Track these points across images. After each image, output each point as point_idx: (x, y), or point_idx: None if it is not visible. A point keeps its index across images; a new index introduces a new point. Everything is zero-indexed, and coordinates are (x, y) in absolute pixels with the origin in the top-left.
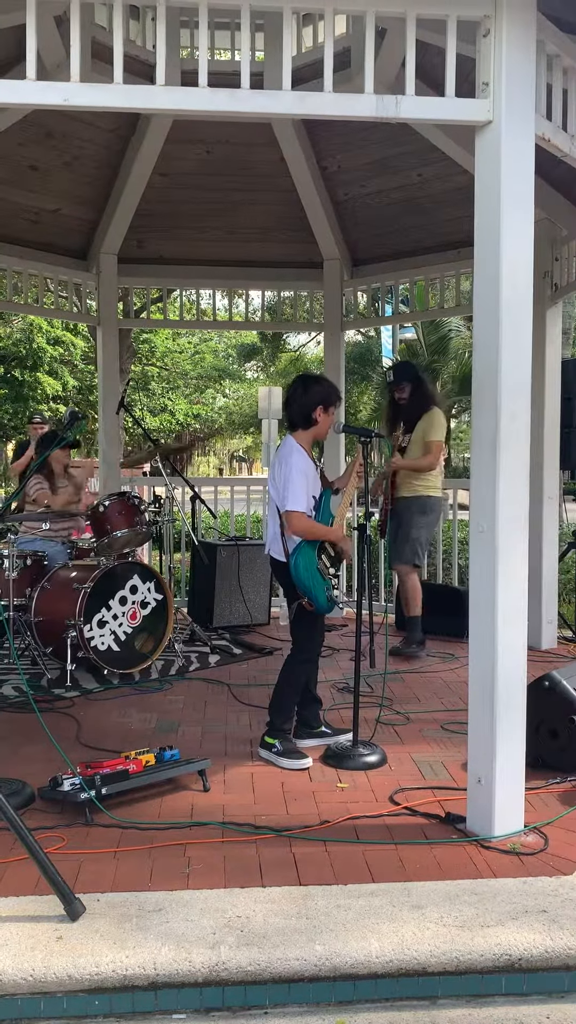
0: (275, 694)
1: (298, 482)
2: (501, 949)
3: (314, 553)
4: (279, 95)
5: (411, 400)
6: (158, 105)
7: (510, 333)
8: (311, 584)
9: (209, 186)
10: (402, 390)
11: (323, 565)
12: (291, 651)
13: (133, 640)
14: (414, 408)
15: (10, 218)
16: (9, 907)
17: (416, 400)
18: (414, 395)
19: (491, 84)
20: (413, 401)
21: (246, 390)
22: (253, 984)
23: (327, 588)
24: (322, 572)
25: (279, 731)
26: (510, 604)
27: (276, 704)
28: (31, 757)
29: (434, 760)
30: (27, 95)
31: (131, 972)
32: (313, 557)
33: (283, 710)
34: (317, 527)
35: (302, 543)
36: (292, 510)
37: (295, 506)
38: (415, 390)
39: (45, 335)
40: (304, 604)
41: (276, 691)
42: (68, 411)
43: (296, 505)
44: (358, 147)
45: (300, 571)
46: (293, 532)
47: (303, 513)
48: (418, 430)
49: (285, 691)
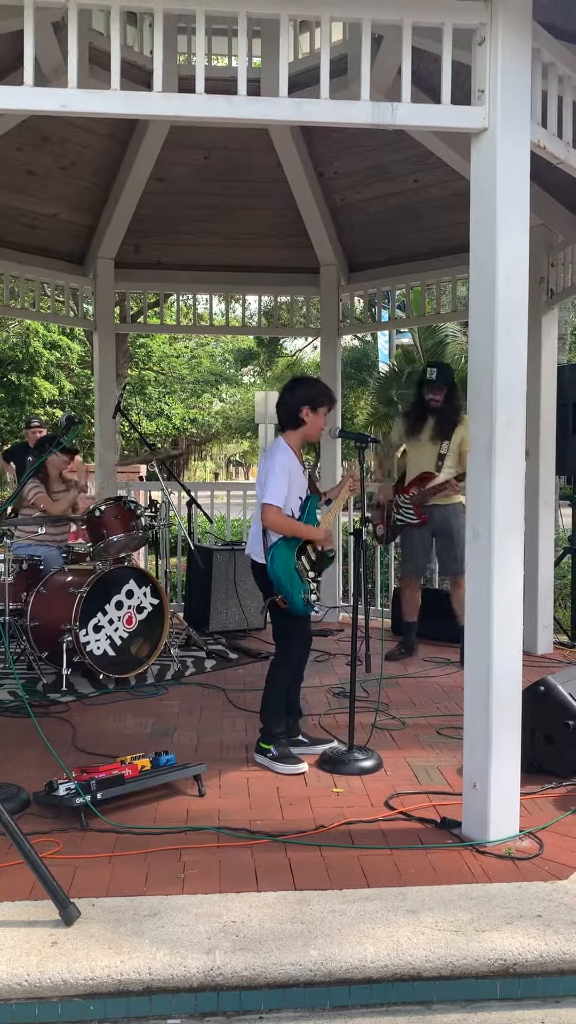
0: (263, 699)
1: (279, 477)
2: (496, 954)
3: (292, 553)
4: (276, 102)
5: (446, 405)
6: (155, 111)
7: (505, 338)
8: (287, 581)
9: (206, 191)
10: (439, 392)
11: (302, 567)
12: (275, 654)
13: (129, 645)
14: (451, 414)
15: (7, 223)
16: (3, 912)
17: (452, 405)
18: (449, 400)
19: (487, 91)
20: (449, 406)
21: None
22: (248, 989)
23: (304, 591)
24: (300, 573)
25: (272, 736)
26: (506, 608)
27: (264, 708)
28: (26, 762)
29: (430, 765)
30: (24, 101)
31: (126, 977)
32: (291, 556)
33: (272, 714)
34: (291, 523)
35: (280, 540)
36: (268, 503)
37: (272, 499)
38: (450, 394)
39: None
40: (278, 601)
41: (263, 696)
42: (65, 416)
43: (273, 499)
44: (355, 153)
45: (276, 566)
46: (266, 525)
47: (279, 508)
48: (456, 438)
49: (269, 695)
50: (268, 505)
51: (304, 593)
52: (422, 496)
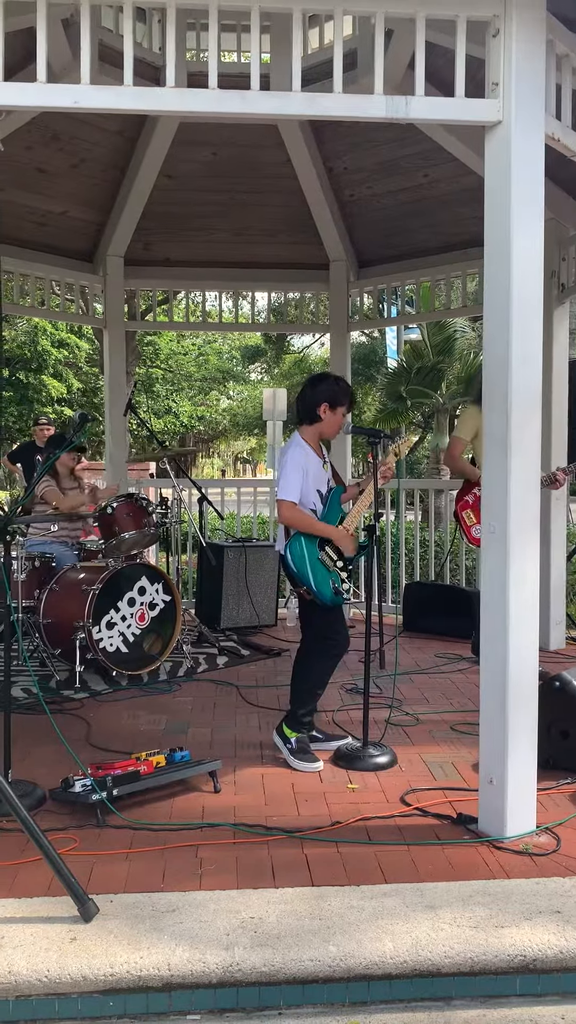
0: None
1: (292, 474)
2: (515, 950)
3: (313, 543)
4: (289, 96)
5: None
6: (168, 107)
7: (521, 333)
8: (306, 573)
9: (215, 188)
10: None
11: (327, 557)
12: (300, 644)
13: (141, 641)
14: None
15: (17, 220)
16: (23, 908)
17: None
18: None
19: (501, 84)
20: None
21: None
22: (267, 985)
23: (334, 581)
24: (326, 564)
25: (299, 723)
26: (521, 604)
27: (293, 693)
28: (41, 759)
29: (444, 761)
30: (37, 98)
31: (145, 973)
32: (311, 547)
33: (300, 700)
34: (305, 519)
35: (298, 532)
36: (281, 499)
37: (284, 495)
38: None
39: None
40: (303, 594)
41: (292, 683)
42: (77, 414)
43: (285, 495)
44: (365, 148)
45: (294, 559)
46: (280, 520)
47: (293, 503)
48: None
49: (296, 683)
50: (281, 501)
51: (334, 583)
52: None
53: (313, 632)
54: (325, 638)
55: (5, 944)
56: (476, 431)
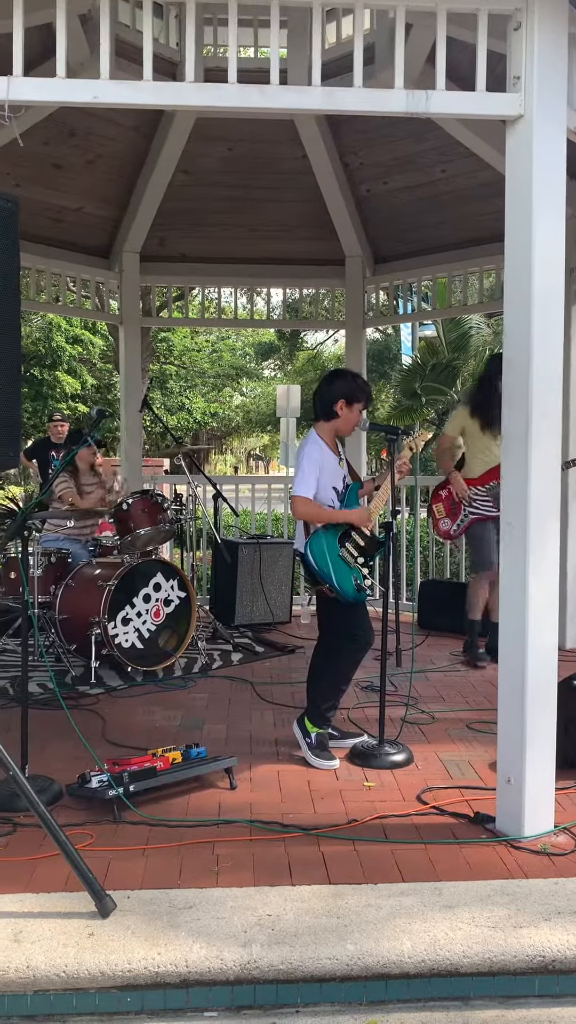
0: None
1: (307, 469)
2: (535, 950)
3: (334, 540)
4: (309, 91)
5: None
6: (188, 102)
7: (542, 328)
8: (328, 570)
9: (231, 183)
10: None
11: (347, 554)
12: (317, 641)
13: (157, 638)
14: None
15: (33, 216)
16: (40, 903)
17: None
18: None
19: (522, 78)
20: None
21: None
22: (285, 983)
23: (355, 577)
24: (347, 560)
25: (321, 718)
26: (541, 601)
27: (313, 689)
28: (57, 754)
29: (461, 759)
30: (57, 93)
31: (163, 969)
32: (332, 544)
33: (323, 695)
34: (320, 510)
35: (318, 529)
36: (296, 494)
37: (299, 491)
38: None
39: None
40: (325, 591)
41: (310, 677)
42: (95, 410)
43: (301, 490)
44: (381, 144)
45: (315, 557)
46: (295, 515)
47: (308, 498)
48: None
49: (318, 679)
50: (296, 496)
51: (356, 580)
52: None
53: (337, 629)
54: (350, 634)
55: (23, 938)
56: (462, 429)
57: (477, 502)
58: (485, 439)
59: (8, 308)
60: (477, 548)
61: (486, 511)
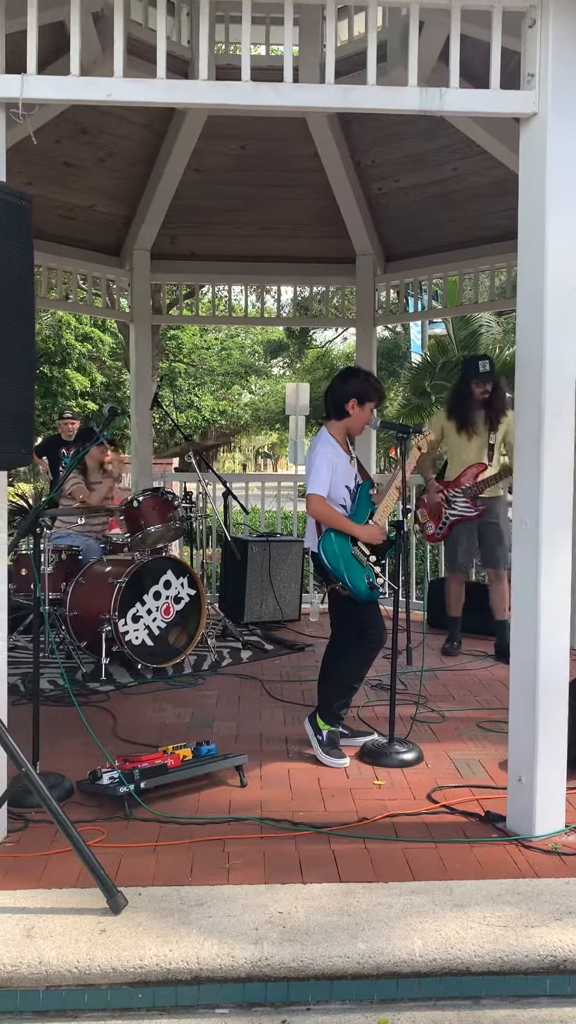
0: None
1: (321, 468)
2: (546, 950)
3: (346, 538)
4: (322, 88)
5: (496, 397)
6: (202, 99)
7: (555, 328)
8: (340, 569)
9: (242, 182)
10: (491, 383)
11: (359, 552)
12: (330, 639)
13: (167, 635)
14: (501, 406)
15: (44, 214)
16: (52, 899)
17: (501, 398)
18: (497, 392)
19: (537, 75)
20: (499, 398)
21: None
22: (296, 980)
23: (368, 575)
24: (359, 559)
25: (333, 716)
26: (553, 600)
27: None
28: (68, 750)
29: (471, 758)
30: (70, 91)
31: (174, 966)
32: (344, 543)
33: (335, 692)
34: (333, 516)
35: (329, 529)
36: (311, 493)
37: (314, 489)
38: (497, 387)
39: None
40: (338, 589)
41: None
42: (107, 407)
43: (315, 488)
44: (393, 142)
45: (327, 556)
46: (310, 514)
47: (322, 497)
48: (502, 430)
49: (330, 677)
50: (311, 495)
51: (369, 577)
52: (478, 488)
53: (350, 627)
54: (363, 632)
55: (36, 934)
56: (441, 431)
57: (456, 503)
58: (460, 440)
59: (23, 306)
60: (450, 549)
61: (464, 512)
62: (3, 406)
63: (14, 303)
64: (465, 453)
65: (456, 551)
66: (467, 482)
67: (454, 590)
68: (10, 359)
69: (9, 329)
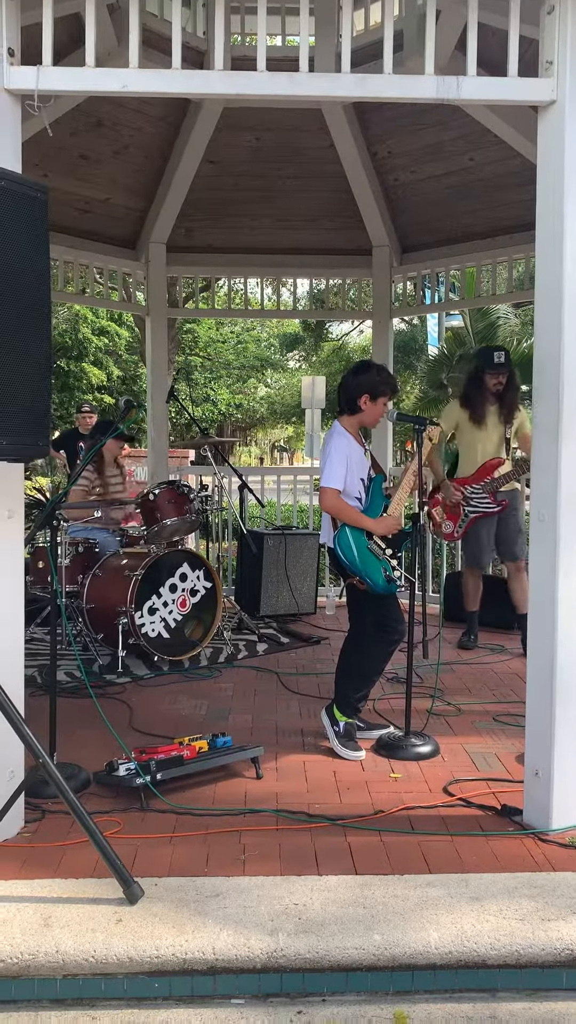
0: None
1: (336, 462)
2: (563, 944)
3: (361, 533)
4: (338, 78)
5: (510, 389)
6: (218, 90)
7: (574, 320)
8: (359, 563)
9: (258, 173)
10: (505, 376)
11: (375, 546)
12: (348, 632)
13: (183, 627)
14: (514, 398)
15: (60, 207)
16: (69, 889)
17: (515, 390)
18: (511, 384)
19: (555, 62)
20: (512, 390)
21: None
22: (311, 971)
23: (385, 569)
24: (375, 553)
25: (351, 707)
26: (571, 594)
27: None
28: (85, 742)
29: (487, 751)
30: (86, 82)
31: (190, 956)
32: (359, 537)
33: (353, 684)
34: (347, 510)
35: (344, 524)
36: (325, 486)
37: (327, 483)
38: (511, 379)
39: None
40: (355, 583)
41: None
42: (123, 400)
43: (329, 482)
44: (409, 132)
45: (343, 550)
46: (323, 508)
47: (336, 491)
48: (517, 422)
49: (348, 669)
50: (324, 488)
51: (386, 571)
52: (498, 483)
53: (369, 620)
54: (382, 625)
55: (53, 923)
56: (456, 424)
57: (475, 500)
58: (475, 433)
59: (39, 299)
60: (469, 544)
61: (486, 508)
62: (20, 399)
63: (31, 296)
64: (481, 445)
65: (474, 546)
66: (486, 478)
67: (471, 584)
68: (27, 352)
69: (26, 322)
